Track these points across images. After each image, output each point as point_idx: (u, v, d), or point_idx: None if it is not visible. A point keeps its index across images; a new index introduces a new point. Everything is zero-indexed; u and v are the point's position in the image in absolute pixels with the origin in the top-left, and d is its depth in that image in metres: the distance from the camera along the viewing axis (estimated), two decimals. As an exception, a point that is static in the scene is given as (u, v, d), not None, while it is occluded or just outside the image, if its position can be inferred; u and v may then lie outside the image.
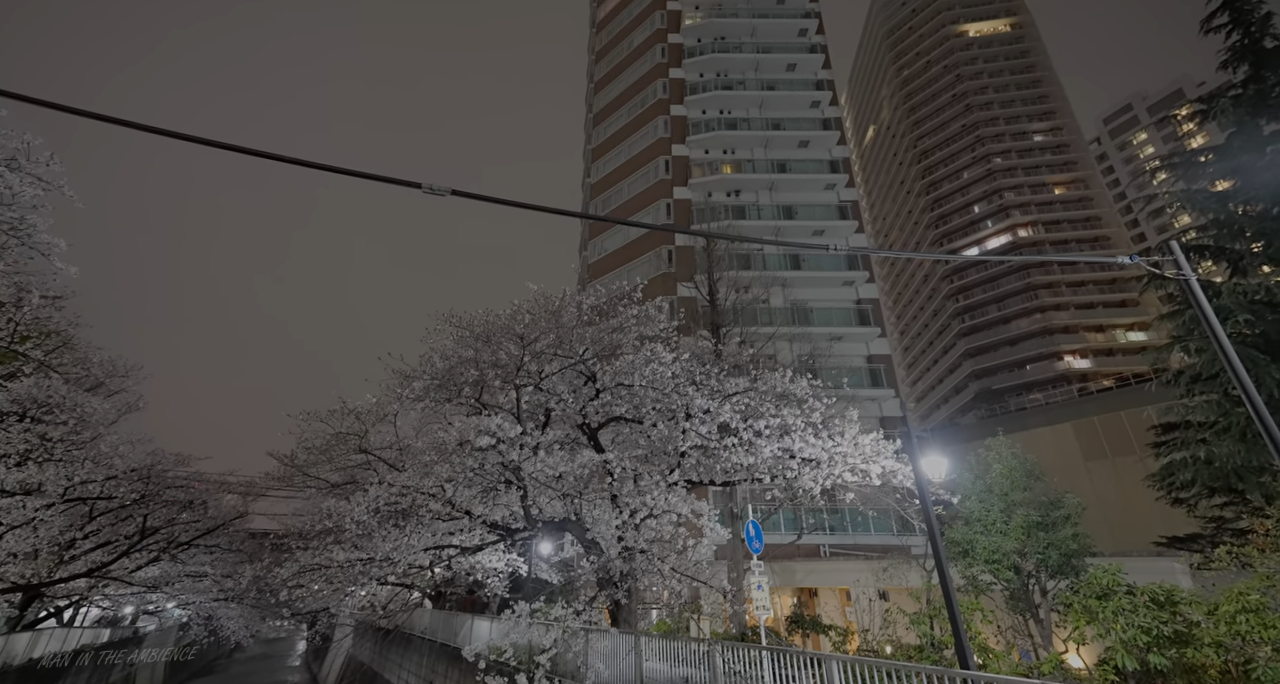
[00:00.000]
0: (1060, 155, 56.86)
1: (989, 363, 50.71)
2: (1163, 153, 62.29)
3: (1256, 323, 9.35)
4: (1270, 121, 10.57)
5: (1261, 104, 10.67)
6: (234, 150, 3.99)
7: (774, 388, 11.47)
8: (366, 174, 4.60)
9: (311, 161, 4.15)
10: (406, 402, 10.23)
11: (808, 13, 37.77)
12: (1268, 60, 10.84)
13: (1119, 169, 68.97)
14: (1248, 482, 9.53)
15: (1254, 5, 11.48)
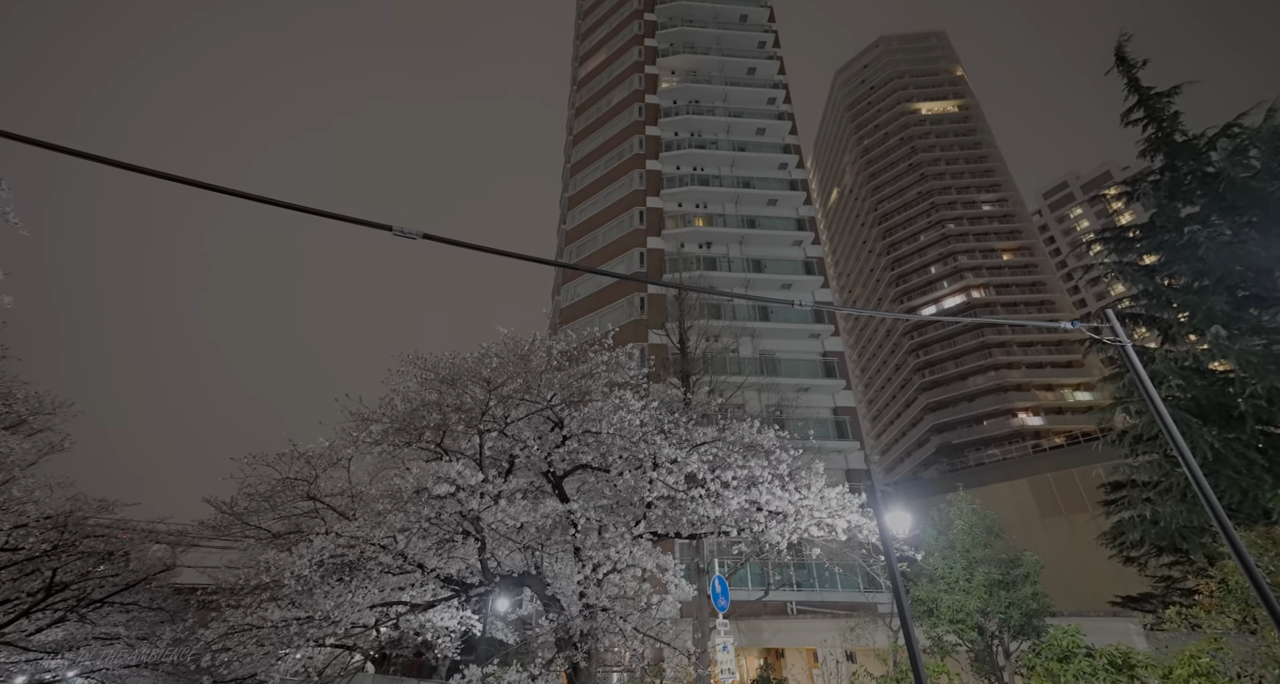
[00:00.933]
0: (1007, 224, 61.22)
1: (949, 418, 52.17)
2: (1096, 227, 67.83)
3: (1187, 388, 10.00)
4: (1185, 205, 11.73)
5: (1176, 190, 11.88)
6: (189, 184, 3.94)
7: (742, 438, 11.47)
8: (335, 214, 4.59)
9: (277, 200, 4.13)
10: (363, 445, 9.74)
11: (776, 84, 40.64)
12: (1178, 152, 12.17)
13: (1059, 239, 74.51)
14: (1190, 542, 9.88)
15: (1164, 104, 12.96)
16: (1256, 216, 10.61)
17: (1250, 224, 10.71)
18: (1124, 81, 13.52)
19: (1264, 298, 10.17)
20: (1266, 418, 9.33)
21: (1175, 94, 12.97)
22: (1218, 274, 10.63)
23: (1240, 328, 10.18)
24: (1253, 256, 10.35)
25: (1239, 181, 10.88)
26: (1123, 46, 13.77)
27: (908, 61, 77.04)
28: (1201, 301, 10.51)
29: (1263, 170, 10.83)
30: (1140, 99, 13.12)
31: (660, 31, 41.37)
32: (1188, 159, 12.03)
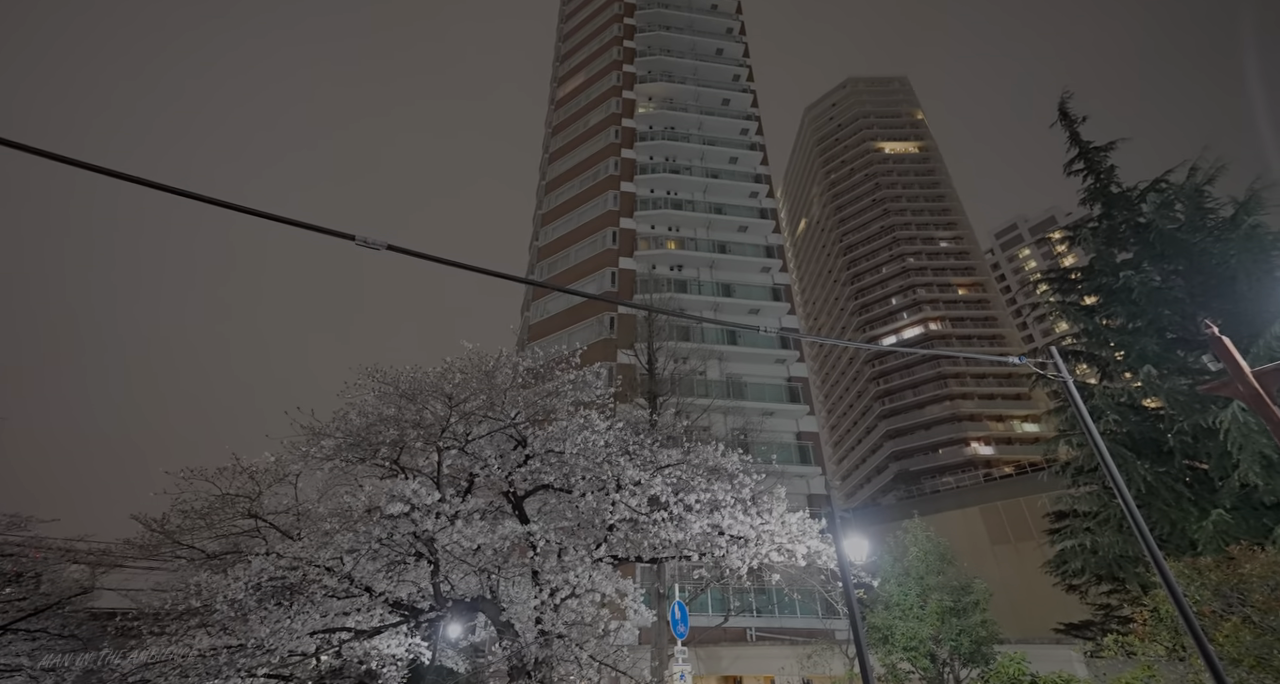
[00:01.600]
0: (962, 261, 64.33)
1: (907, 445, 53.60)
2: (1043, 267, 72.03)
3: (1123, 422, 10.61)
4: (1121, 251, 12.64)
5: (1113, 237, 12.80)
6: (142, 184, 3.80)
7: (706, 461, 11.49)
8: (295, 221, 4.48)
9: (234, 204, 4.01)
10: (313, 461, 9.28)
11: (749, 115, 42.10)
12: (1114, 202, 13.15)
13: (1010, 277, 78.65)
14: (1126, 571, 10.35)
15: (1101, 157, 14.03)
16: (1182, 265, 11.50)
17: (1176, 272, 11.59)
18: (1066, 135, 14.58)
19: (1189, 341, 10.96)
20: (1192, 453, 9.96)
21: (1111, 149, 14.06)
22: (1149, 317, 11.42)
23: (1169, 368, 10.92)
24: (1179, 302, 11.18)
25: (1166, 232, 11.81)
26: (1065, 103, 14.88)
27: (873, 103, 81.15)
28: (1135, 342, 11.26)
29: (1186, 223, 11.79)
30: (1080, 152, 14.16)
31: (639, 58, 42.46)
32: (1122, 209, 12.99)
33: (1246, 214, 11.02)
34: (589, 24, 46.66)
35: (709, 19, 45.65)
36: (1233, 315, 10.40)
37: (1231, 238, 10.82)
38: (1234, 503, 9.11)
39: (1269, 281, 10.02)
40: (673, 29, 44.42)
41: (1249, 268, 10.33)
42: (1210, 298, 10.92)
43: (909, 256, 64.40)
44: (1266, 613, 6.25)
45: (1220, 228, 11.29)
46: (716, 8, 46.49)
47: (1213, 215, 11.83)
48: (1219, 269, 10.81)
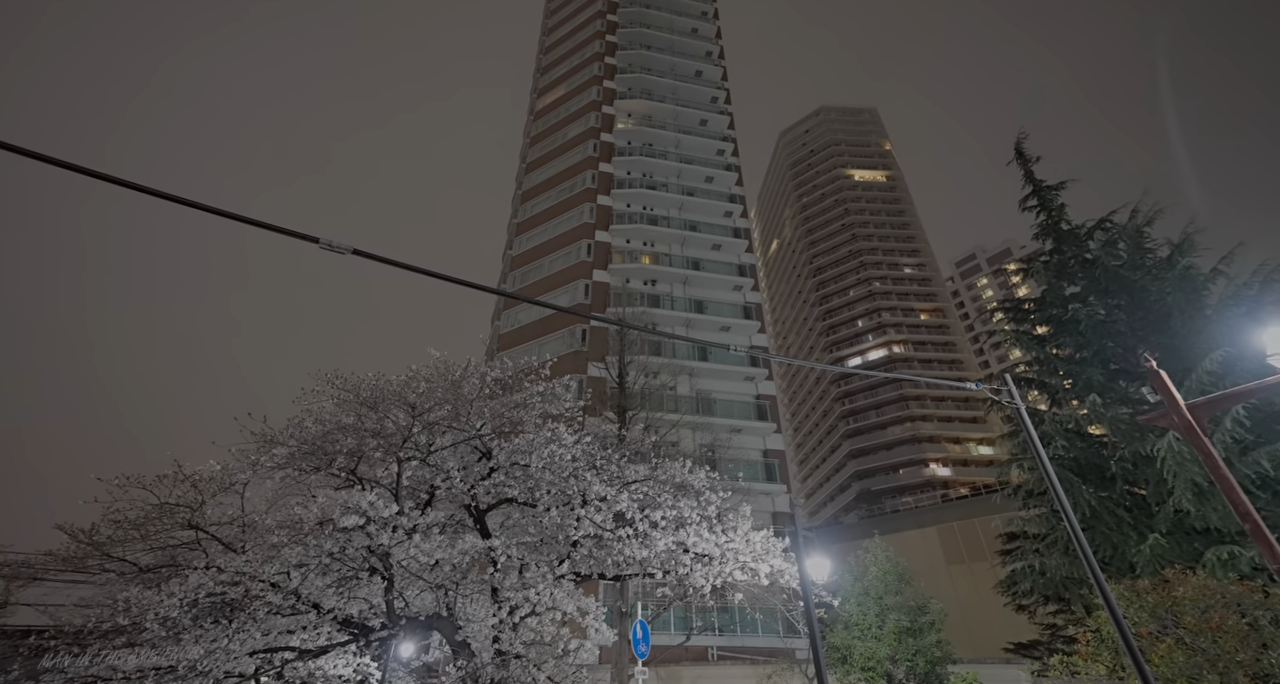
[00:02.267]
0: (925, 287, 66.75)
1: (870, 465, 54.71)
2: (999, 297, 75.38)
3: (1070, 448, 11.11)
4: (1070, 285, 13.38)
5: (1062, 271, 13.55)
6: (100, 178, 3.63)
7: (673, 477, 11.49)
8: (258, 222, 4.34)
9: (190, 200, 3.87)
10: (263, 469, 8.85)
11: (725, 137, 43.07)
12: (1064, 239, 13.95)
13: (969, 304, 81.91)
14: (1071, 592, 10.77)
15: (1053, 195, 14.87)
16: (1124, 300, 12.23)
17: (1119, 306, 12.31)
18: (1022, 173, 15.41)
19: (1131, 372, 11.61)
20: (1132, 479, 10.49)
21: (1061, 188, 14.92)
22: (1094, 348, 12.07)
23: (1112, 397, 11.53)
24: (1121, 335, 11.86)
25: (1110, 269, 12.56)
26: (1021, 143, 15.77)
27: (844, 131, 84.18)
28: (1082, 371, 11.87)
29: (1128, 261, 12.57)
30: (1034, 190, 14.98)
31: (620, 75, 43.07)
32: (1071, 245, 13.77)
33: (1181, 256, 11.83)
34: (571, 38, 47.18)
35: (690, 41, 46.76)
36: (1169, 349, 11.08)
37: (1167, 277, 11.59)
38: (1169, 528, 9.61)
39: (1200, 319, 10.75)
40: (654, 48, 45.30)
41: (1183, 306, 11.07)
42: (1149, 332, 11.62)
43: (875, 281, 66.50)
44: (1197, 635, 6.56)
45: (1158, 267, 12.08)
46: (697, 31, 47.68)
47: (1151, 255, 12.65)
48: (1157, 305, 11.55)
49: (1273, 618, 6.40)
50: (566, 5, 49.96)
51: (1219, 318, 10.62)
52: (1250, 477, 8.90)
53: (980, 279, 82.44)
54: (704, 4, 49.34)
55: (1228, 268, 11.37)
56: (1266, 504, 8.95)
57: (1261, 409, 9.31)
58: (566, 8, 49.79)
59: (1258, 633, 6.34)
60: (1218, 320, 10.58)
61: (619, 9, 46.64)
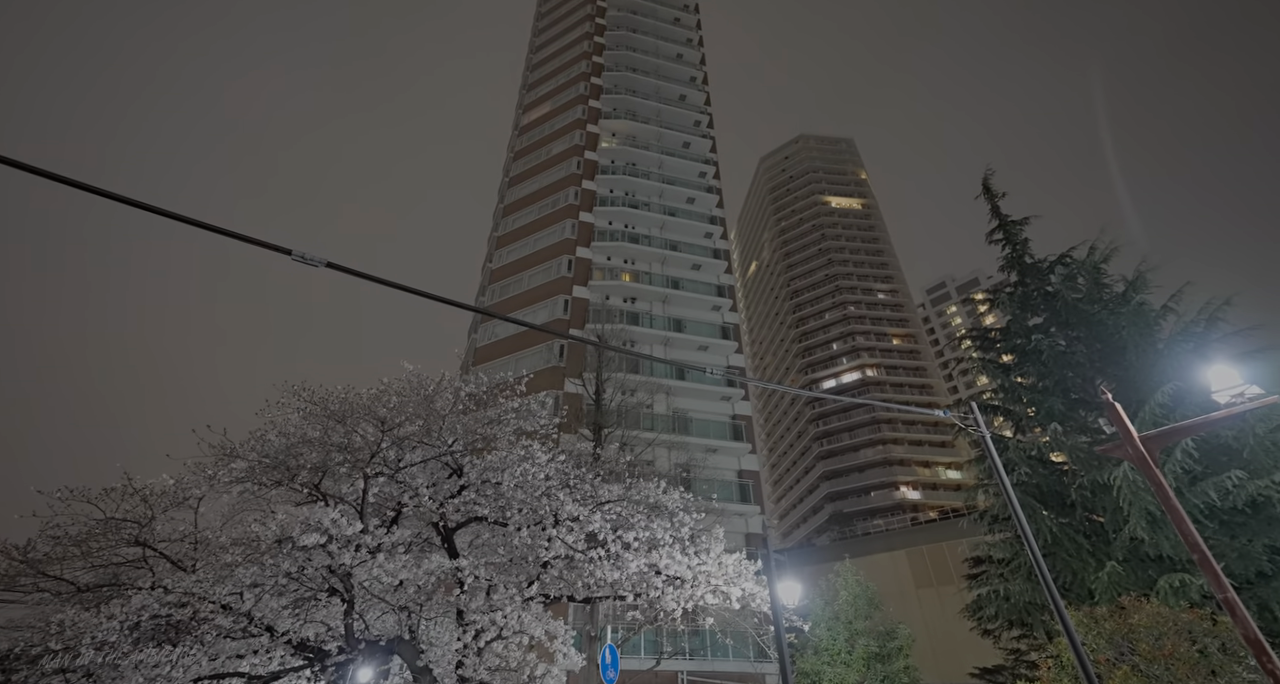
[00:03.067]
0: (897, 313, 68.49)
1: (842, 487, 55.20)
2: (968, 325, 77.76)
3: (1033, 475, 11.43)
4: (1033, 316, 13.93)
5: (1026, 303, 14.11)
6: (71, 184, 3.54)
7: (647, 498, 11.43)
8: (230, 232, 4.26)
9: (160, 209, 3.78)
10: (220, 484, 8.48)
11: (707, 160, 43.97)
12: (1028, 271, 14.57)
13: (939, 331, 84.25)
14: (1034, 618, 10.97)
15: (1018, 230, 15.54)
16: (1083, 333, 12.76)
17: (1079, 338, 12.84)
18: (989, 207, 16.08)
19: (1090, 402, 12.07)
20: (1091, 507, 10.83)
21: (1025, 223, 15.61)
22: (1055, 377, 12.53)
23: (1072, 426, 11.95)
24: (1081, 366, 12.35)
25: (1070, 302, 13.12)
26: (988, 179, 16.49)
27: (822, 159, 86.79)
28: (1044, 400, 12.29)
29: (1087, 295, 13.16)
30: (1000, 224, 15.64)
31: (605, 95, 43.76)
32: (1035, 278, 14.37)
33: (1135, 292, 12.46)
34: (558, 57, 47.88)
35: (674, 66, 47.89)
36: (1124, 381, 11.57)
37: (1123, 312, 12.17)
38: (1125, 555, 9.91)
39: (1153, 353, 11.28)
40: (639, 71, 46.24)
41: (1137, 340, 11.61)
42: (1106, 364, 12.13)
43: (850, 305, 68.02)
44: (1151, 662, 6.75)
45: (1114, 302, 12.67)
46: (682, 57, 48.90)
47: (1108, 290, 13.27)
48: (1113, 338, 12.08)
49: (1221, 645, 6.62)
50: (554, 26, 50.79)
51: (1170, 352, 11.17)
52: (1199, 506, 9.27)
53: (950, 306, 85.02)
54: (688, 31, 50.73)
55: (1177, 305, 11.99)
56: (1214, 533, 9.33)
57: (1209, 442, 9.75)
58: (554, 28, 50.61)
59: (1207, 660, 6.55)
60: (1169, 355, 11.11)
61: (606, 32, 47.61)
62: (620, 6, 49.32)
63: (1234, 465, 9.27)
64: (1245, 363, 10.02)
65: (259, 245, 4.45)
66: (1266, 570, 8.89)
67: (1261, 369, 9.69)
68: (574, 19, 49.30)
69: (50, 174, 3.47)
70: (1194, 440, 9.40)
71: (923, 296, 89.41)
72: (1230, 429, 9.30)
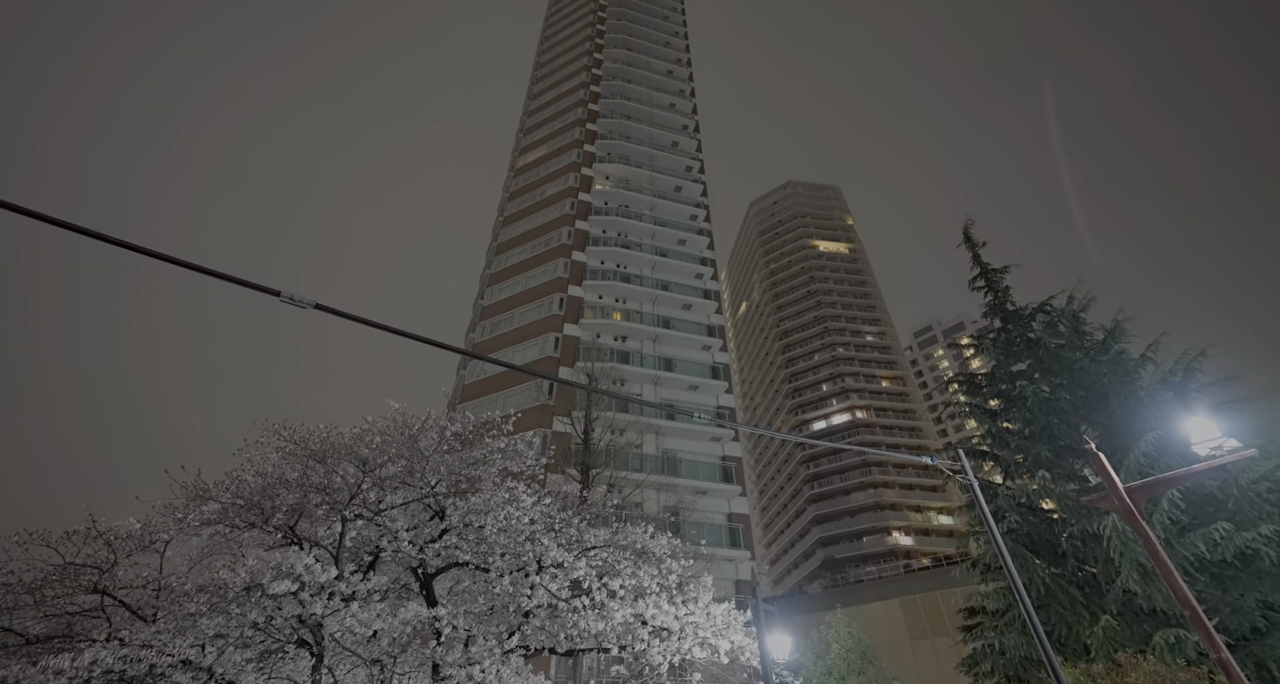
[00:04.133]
0: (885, 355, 69.20)
1: (834, 531, 54.17)
2: (954, 368, 78.65)
3: (1024, 523, 11.32)
4: (1017, 362, 14.15)
5: (1009, 349, 14.37)
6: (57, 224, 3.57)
7: (634, 543, 11.17)
8: (219, 273, 4.28)
9: (150, 250, 3.81)
10: (190, 526, 8.16)
11: (698, 203, 45.24)
12: (1010, 318, 14.91)
13: (926, 374, 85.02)
14: (1030, 674, 10.61)
15: (999, 277, 15.98)
16: (1066, 380, 12.96)
17: (1062, 385, 13.02)
18: (970, 256, 16.58)
19: (1076, 449, 12.12)
20: (1082, 557, 10.68)
21: (1006, 271, 16.07)
22: (1041, 424, 12.62)
23: (1060, 473, 11.94)
24: (1065, 413, 12.47)
25: (1052, 349, 13.39)
26: (969, 228, 17.06)
27: (810, 205, 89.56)
28: (1031, 446, 12.33)
29: (1068, 342, 13.44)
30: (982, 271, 16.10)
31: (600, 140, 45.29)
32: (1017, 325, 14.69)
33: (1114, 341, 12.75)
34: (555, 104, 49.77)
35: (667, 114, 49.89)
36: (1108, 429, 11.68)
37: (1103, 360, 12.42)
38: (1119, 608, 9.72)
39: (1134, 402, 11.45)
40: (633, 119, 48.08)
41: (1118, 388, 11.80)
42: (1090, 411, 12.27)
43: (839, 347, 68.70)
44: (1152, 724, 6.52)
45: (1095, 349, 12.94)
46: (674, 106, 51.01)
47: (1089, 338, 13.58)
48: (1095, 386, 12.27)
49: (1221, 707, 6.42)
50: (552, 75, 53.06)
51: (1151, 401, 11.34)
52: (1189, 559, 9.19)
53: (937, 350, 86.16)
54: (681, 83, 53.15)
55: (1155, 355, 12.27)
56: (1205, 586, 9.22)
57: (1194, 492, 9.77)
58: (551, 76, 52.85)
59: (1207, 723, 6.34)
60: (1150, 403, 11.28)
61: (601, 82, 49.75)
62: (616, 59, 51.76)
63: (1220, 516, 9.26)
64: (1224, 413, 10.20)
65: (249, 286, 4.47)
66: (1261, 626, 8.75)
67: (1239, 421, 9.85)
68: (571, 69, 51.58)
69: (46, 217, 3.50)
70: (1179, 491, 9.42)
71: (910, 340, 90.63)
72: (1214, 480, 9.35)
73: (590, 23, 54.64)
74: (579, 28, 55.28)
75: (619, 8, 56.40)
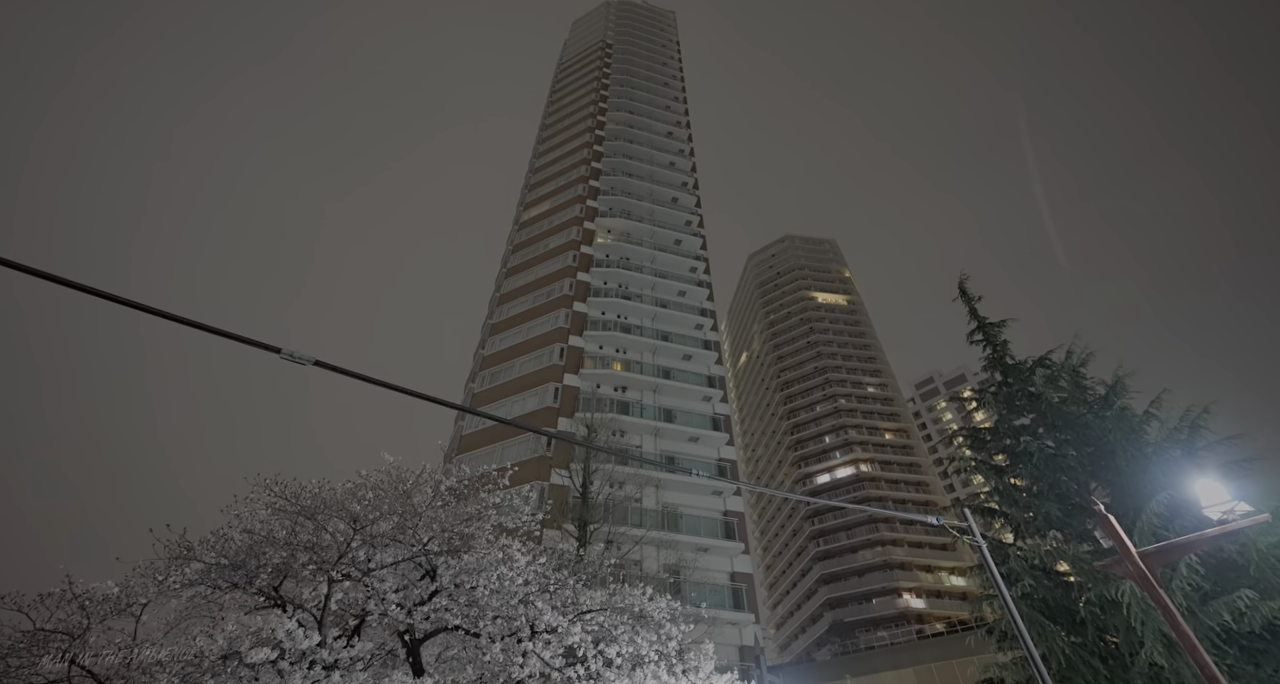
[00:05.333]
0: (888, 407, 68.60)
1: (842, 592, 51.79)
2: (957, 421, 77.72)
3: (1038, 587, 10.81)
4: (1019, 417, 13.99)
5: (1012, 402, 14.24)
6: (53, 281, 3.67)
7: (632, 606, 10.74)
8: (220, 331, 4.35)
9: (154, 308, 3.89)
10: (170, 589, 7.84)
11: (698, 256, 46.32)
12: (1010, 372, 14.87)
13: (930, 426, 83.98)
14: (1058, 759, 9.80)
15: (996, 331, 16.09)
16: (1070, 436, 12.76)
17: (1068, 441, 12.81)
18: (966, 309, 16.77)
19: (1087, 509, 11.76)
20: (1102, 625, 10.11)
21: (1004, 325, 16.20)
22: (1049, 481, 12.31)
23: (1072, 533, 11.54)
24: (1073, 470, 12.20)
25: (1054, 404, 13.27)
26: (964, 282, 17.35)
27: (807, 258, 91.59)
28: (1040, 505, 11.97)
29: (1070, 397, 13.34)
30: (979, 325, 16.22)
31: (602, 196, 46.98)
32: (1017, 378, 14.64)
33: (1116, 396, 12.66)
34: (559, 162, 52.04)
35: (667, 172, 52.00)
36: (1118, 487, 11.39)
37: (1107, 415, 12.27)
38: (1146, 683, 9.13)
39: (1142, 459, 11.22)
40: (634, 176, 50.09)
41: (1124, 445, 11.59)
42: (1098, 468, 12.00)
43: (841, 398, 68.22)
44: None
45: (1097, 404, 12.82)
46: (674, 165, 53.24)
47: (1091, 392, 13.50)
48: (1101, 442, 12.07)
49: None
50: (557, 135, 55.81)
51: (1159, 459, 11.12)
52: (1214, 629, 8.72)
53: (939, 402, 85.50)
54: (680, 143, 55.74)
55: (1158, 411, 12.14)
56: (1236, 660, 8.68)
57: (1213, 556, 9.41)
58: (557, 137, 55.57)
59: None
60: (1158, 461, 11.06)
61: (605, 142, 52.21)
62: (619, 122, 54.54)
63: (1242, 583, 8.87)
64: (1233, 472, 9.99)
65: (249, 343, 4.53)
66: (1299, 705, 8.20)
67: (1250, 484, 9.62)
68: (576, 130, 54.29)
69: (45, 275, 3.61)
70: (1197, 555, 9.07)
71: (912, 391, 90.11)
72: (1232, 544, 9.03)
73: (595, 88, 58.04)
74: (584, 93, 58.67)
75: (622, 75, 60.10)
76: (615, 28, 68.24)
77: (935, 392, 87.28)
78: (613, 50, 63.83)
